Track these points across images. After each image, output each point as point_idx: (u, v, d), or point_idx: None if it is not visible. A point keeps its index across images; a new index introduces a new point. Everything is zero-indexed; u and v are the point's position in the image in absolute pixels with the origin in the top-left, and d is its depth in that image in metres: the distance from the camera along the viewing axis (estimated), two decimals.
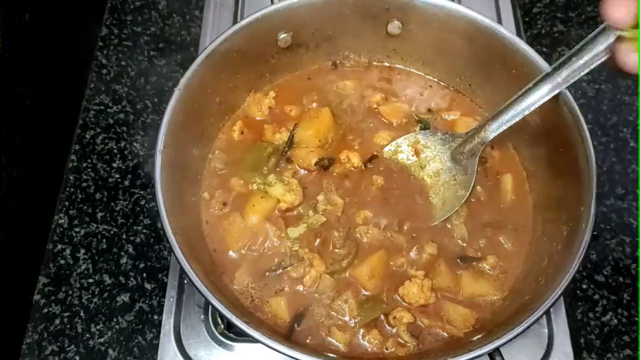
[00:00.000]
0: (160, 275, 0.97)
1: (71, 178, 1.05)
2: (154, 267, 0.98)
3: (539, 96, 0.78)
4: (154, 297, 0.95)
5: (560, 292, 0.70)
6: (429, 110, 0.98)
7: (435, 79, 1.01)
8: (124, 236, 1.00)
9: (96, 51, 1.19)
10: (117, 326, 0.93)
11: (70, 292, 0.95)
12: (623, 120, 1.14)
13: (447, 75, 1.00)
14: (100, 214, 1.02)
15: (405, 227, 0.87)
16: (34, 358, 0.91)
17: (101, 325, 0.93)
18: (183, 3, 1.26)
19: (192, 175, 0.89)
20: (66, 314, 0.94)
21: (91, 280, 0.96)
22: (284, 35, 0.93)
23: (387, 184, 0.91)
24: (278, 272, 0.83)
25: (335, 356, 0.77)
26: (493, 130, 0.86)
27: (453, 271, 0.84)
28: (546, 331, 0.90)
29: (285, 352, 0.67)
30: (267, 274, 0.83)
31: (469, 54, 0.93)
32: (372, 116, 0.97)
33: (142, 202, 1.04)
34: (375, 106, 0.98)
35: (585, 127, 0.78)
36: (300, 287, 0.82)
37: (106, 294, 0.95)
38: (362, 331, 0.80)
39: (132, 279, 0.97)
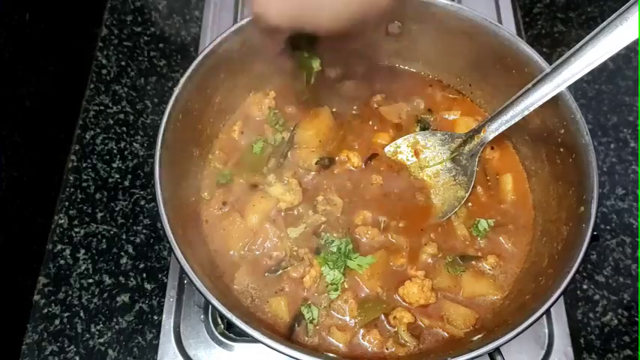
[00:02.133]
0: (160, 275, 0.97)
1: (71, 178, 1.05)
2: (154, 267, 0.98)
3: (539, 96, 0.78)
4: (154, 297, 0.95)
5: (560, 292, 0.70)
6: (429, 110, 0.98)
7: (435, 79, 1.01)
8: (124, 236, 1.00)
9: (96, 51, 1.19)
10: (117, 326, 0.93)
11: (70, 292, 0.95)
12: (623, 120, 1.14)
13: (447, 75, 1.00)
14: (100, 214, 1.02)
15: (405, 227, 0.87)
16: (34, 358, 0.91)
17: (101, 325, 0.93)
18: (183, 3, 1.26)
19: (192, 175, 0.89)
20: (66, 314, 0.94)
21: (91, 281, 0.96)
22: None
23: (386, 184, 0.91)
24: (278, 272, 0.83)
25: (335, 356, 0.77)
26: (493, 131, 0.86)
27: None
28: (546, 331, 0.90)
29: (285, 352, 0.67)
30: (267, 274, 0.83)
31: (469, 54, 0.93)
32: (372, 116, 0.97)
33: (142, 202, 1.04)
34: (375, 106, 0.98)
35: (585, 127, 0.78)
36: (300, 287, 0.82)
37: (106, 294, 0.95)
38: (362, 331, 0.80)
39: (132, 279, 0.97)
